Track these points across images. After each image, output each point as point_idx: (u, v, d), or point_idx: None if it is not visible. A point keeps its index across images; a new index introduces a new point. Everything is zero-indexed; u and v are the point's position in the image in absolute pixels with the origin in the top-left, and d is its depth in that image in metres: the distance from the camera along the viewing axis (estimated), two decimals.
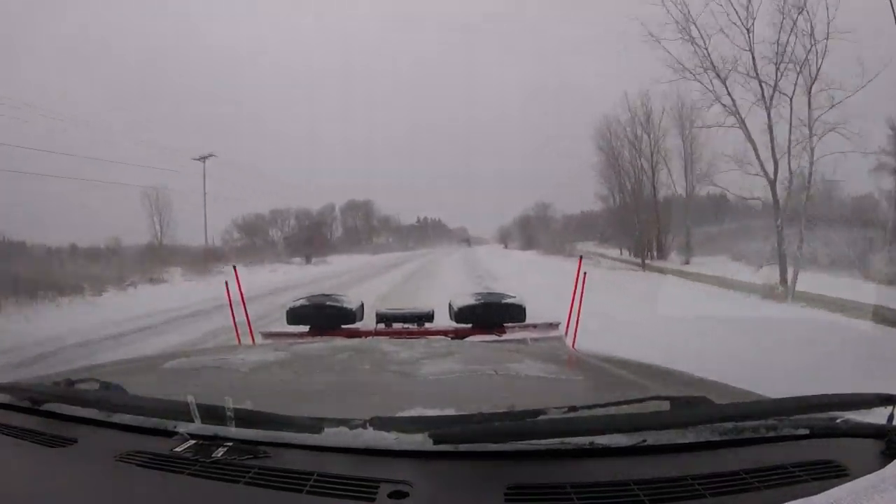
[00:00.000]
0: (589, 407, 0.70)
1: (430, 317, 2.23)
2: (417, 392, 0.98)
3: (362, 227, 35.95)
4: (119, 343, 7.13)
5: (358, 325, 2.18)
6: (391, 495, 0.60)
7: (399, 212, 36.65)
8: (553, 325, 2.19)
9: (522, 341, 1.95)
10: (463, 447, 0.67)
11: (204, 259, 18.22)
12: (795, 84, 10.69)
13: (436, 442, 0.66)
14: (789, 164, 10.89)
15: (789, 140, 10.80)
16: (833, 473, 0.66)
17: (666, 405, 0.72)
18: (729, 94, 11.73)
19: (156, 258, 17.50)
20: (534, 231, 30.42)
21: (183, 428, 0.72)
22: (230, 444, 0.69)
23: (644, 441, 0.68)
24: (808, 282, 9.78)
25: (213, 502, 0.62)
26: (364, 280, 14.51)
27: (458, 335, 2.06)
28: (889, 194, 10.94)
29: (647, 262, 17.24)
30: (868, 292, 8.26)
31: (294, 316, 2.14)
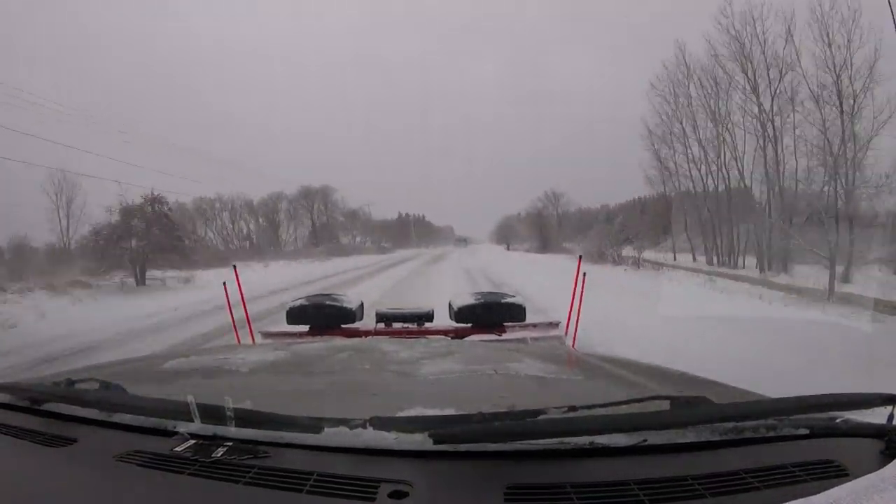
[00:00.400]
0: (589, 407, 0.70)
1: (430, 316, 2.23)
2: (417, 392, 0.98)
3: (322, 223, 27.17)
4: None
5: (358, 324, 2.18)
6: (391, 495, 0.60)
7: (370, 203, 29.36)
8: (553, 325, 2.20)
9: (522, 341, 1.95)
10: (463, 447, 0.67)
11: None
12: None
13: (436, 442, 0.66)
14: None
15: None
16: (833, 473, 0.66)
17: (666, 405, 0.72)
18: None
19: None
20: (548, 229, 24.15)
21: (183, 428, 0.72)
22: (230, 443, 0.69)
23: (644, 441, 0.68)
24: None
25: (213, 502, 0.62)
26: None
27: (458, 335, 2.06)
28: None
29: (768, 277, 10.34)
30: None
31: (294, 316, 2.14)
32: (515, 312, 2.15)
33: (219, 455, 0.68)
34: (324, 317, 2.13)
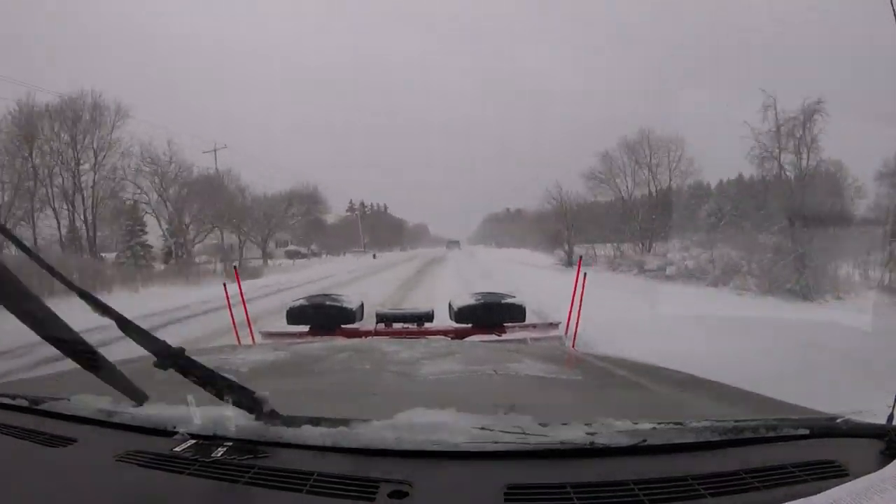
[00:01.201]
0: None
1: (430, 317, 2.23)
2: (417, 392, 0.98)
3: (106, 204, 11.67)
4: None
5: (358, 325, 2.18)
6: (391, 495, 0.60)
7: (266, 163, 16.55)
8: (553, 325, 2.20)
9: (522, 341, 1.96)
10: (463, 447, 0.67)
11: None
12: None
13: (435, 441, 0.66)
14: None
15: None
16: (833, 473, 0.66)
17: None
18: None
19: None
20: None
21: (183, 428, 0.72)
22: (230, 443, 0.69)
23: (644, 441, 0.68)
24: None
25: (213, 502, 0.62)
26: None
27: (458, 335, 2.06)
28: None
29: None
30: None
31: (294, 316, 2.14)
32: (515, 313, 2.15)
33: (219, 455, 0.68)
34: (324, 317, 2.14)
